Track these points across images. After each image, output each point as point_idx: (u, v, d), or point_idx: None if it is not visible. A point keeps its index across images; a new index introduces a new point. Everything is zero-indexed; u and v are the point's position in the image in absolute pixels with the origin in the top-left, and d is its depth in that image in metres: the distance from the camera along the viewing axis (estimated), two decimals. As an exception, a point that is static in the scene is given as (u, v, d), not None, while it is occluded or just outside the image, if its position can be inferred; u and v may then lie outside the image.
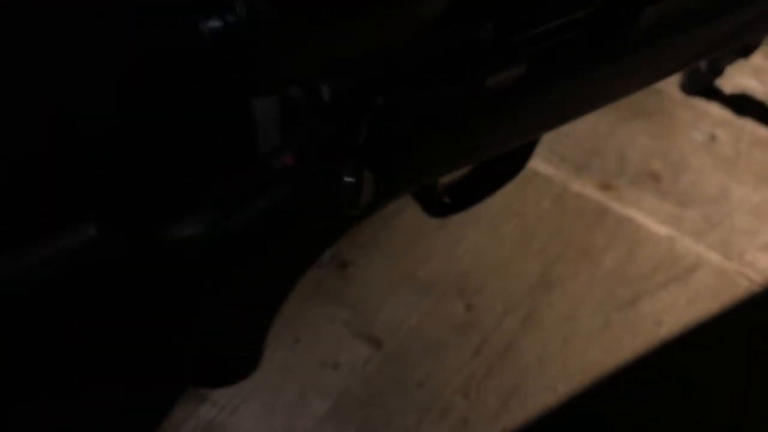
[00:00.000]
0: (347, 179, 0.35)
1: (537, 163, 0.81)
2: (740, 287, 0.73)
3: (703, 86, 0.87)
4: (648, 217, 0.78)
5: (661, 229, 0.77)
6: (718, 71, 0.85)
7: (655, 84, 0.50)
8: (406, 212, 0.73)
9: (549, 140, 0.84)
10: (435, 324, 0.70)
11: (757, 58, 0.93)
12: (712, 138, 0.85)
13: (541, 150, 0.80)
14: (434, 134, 0.38)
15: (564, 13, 0.37)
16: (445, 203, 0.47)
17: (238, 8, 0.27)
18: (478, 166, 0.48)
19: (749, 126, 0.86)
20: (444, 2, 0.31)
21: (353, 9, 0.28)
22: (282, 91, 0.35)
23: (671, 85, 0.88)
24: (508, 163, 0.48)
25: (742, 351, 0.69)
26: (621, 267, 0.74)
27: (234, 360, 0.43)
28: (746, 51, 0.80)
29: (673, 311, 0.72)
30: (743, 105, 0.88)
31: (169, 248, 0.36)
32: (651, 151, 0.84)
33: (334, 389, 0.65)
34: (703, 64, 0.85)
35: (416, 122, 0.37)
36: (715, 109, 0.88)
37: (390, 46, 0.31)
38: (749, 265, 0.75)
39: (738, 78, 0.91)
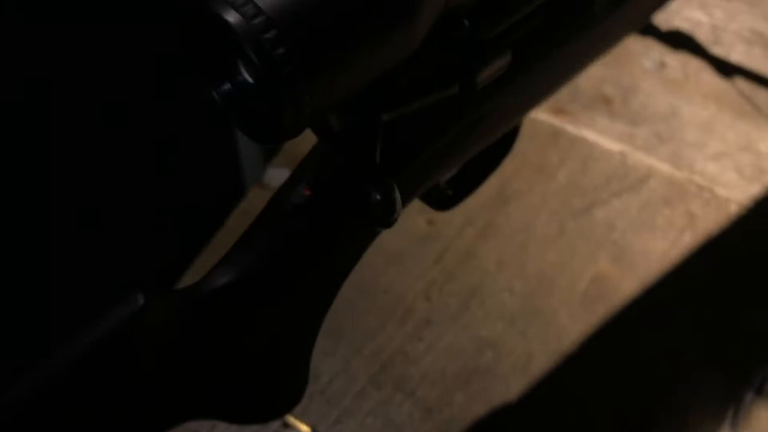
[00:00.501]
0: (377, 197, 0.38)
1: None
2: (690, 192, 0.76)
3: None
4: (600, 136, 0.82)
5: (613, 146, 0.81)
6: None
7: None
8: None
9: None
10: (398, 238, 0.74)
11: (704, -9, 0.98)
12: (662, 64, 0.89)
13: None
14: (439, 136, 0.41)
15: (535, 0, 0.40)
16: (449, 196, 0.50)
17: (247, 72, 0.30)
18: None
19: (698, 54, 0.90)
20: (433, 20, 0.33)
21: (357, 55, 0.31)
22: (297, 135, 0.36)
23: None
24: (500, 146, 0.50)
25: (689, 245, 0.72)
26: (575, 180, 0.78)
27: (284, 389, 0.46)
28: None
29: (626, 216, 0.75)
30: (691, 35, 0.92)
31: (217, 297, 0.38)
32: (602, 78, 0.88)
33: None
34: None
35: (422, 129, 0.40)
36: (665, 39, 0.91)
37: (390, 69, 0.33)
38: (698, 173, 0.78)
39: (686, 11, 0.95)
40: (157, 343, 0.37)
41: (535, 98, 0.47)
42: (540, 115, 0.83)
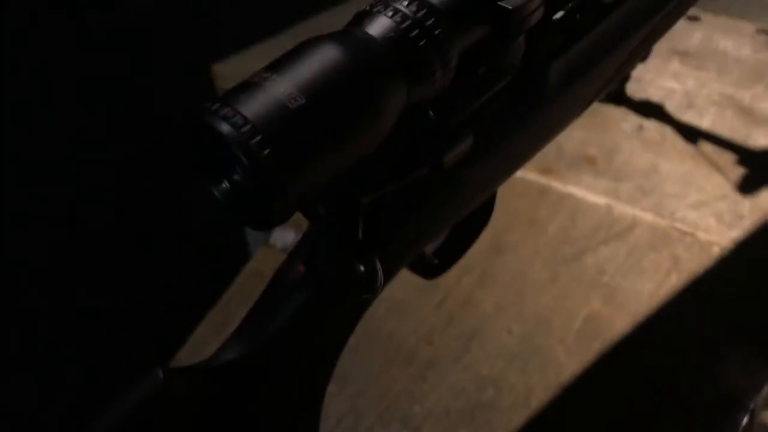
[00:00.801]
0: (360, 269, 0.42)
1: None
2: (673, 238, 0.81)
3: (612, 93, 0.97)
4: (586, 192, 0.87)
5: (599, 200, 0.86)
6: (624, 78, 0.96)
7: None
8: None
9: (493, 139, 0.94)
10: (399, 289, 0.77)
11: (675, 64, 1.05)
12: (640, 127, 0.95)
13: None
14: (414, 213, 0.45)
15: (489, 87, 0.45)
16: (435, 265, 0.54)
17: (240, 172, 0.34)
18: (455, 225, 0.56)
19: (673, 118, 0.96)
20: (396, 114, 0.38)
21: (330, 152, 0.36)
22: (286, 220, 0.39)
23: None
24: (479, 216, 0.54)
25: (677, 287, 0.76)
26: (564, 231, 0.82)
27: None
28: (643, 57, 0.91)
29: (615, 261, 0.79)
30: (666, 102, 0.99)
31: (228, 371, 0.42)
32: (585, 140, 0.94)
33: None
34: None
35: (398, 208, 0.44)
36: (641, 107, 0.98)
37: (364, 159, 0.38)
38: (680, 220, 0.83)
39: (660, 81, 1.02)
40: (177, 417, 0.40)
41: (500, 173, 0.51)
42: (528, 174, 0.89)
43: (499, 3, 0.42)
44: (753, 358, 0.68)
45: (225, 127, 0.33)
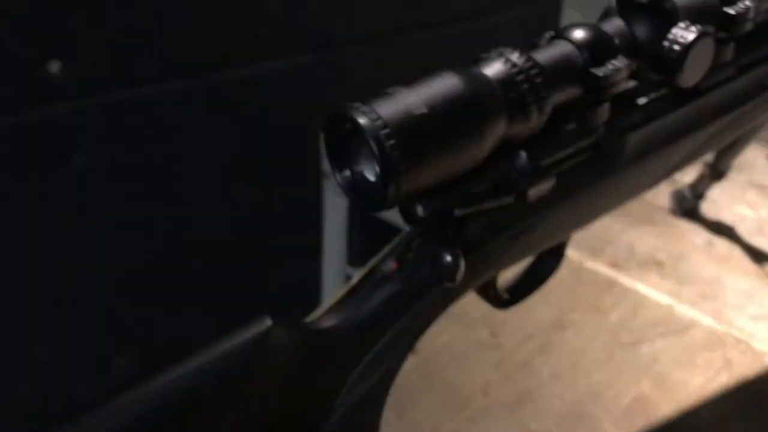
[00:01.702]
0: (447, 259, 0.50)
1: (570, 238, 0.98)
2: (728, 343, 0.85)
3: (688, 209, 1.04)
4: (650, 290, 0.92)
5: (662, 298, 0.91)
6: (700, 195, 1.03)
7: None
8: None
9: (569, 231, 1.01)
10: (463, 343, 0.84)
11: (751, 195, 1.12)
12: (710, 243, 1.01)
13: (561, 235, 0.97)
14: (495, 233, 0.53)
15: (574, 142, 0.54)
16: (504, 298, 0.62)
17: (367, 164, 0.44)
18: (528, 266, 0.65)
19: (743, 240, 1.02)
20: (495, 140, 0.47)
21: (439, 156, 0.45)
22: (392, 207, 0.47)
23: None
24: (549, 263, 0.63)
25: (725, 385, 0.80)
26: (625, 321, 0.88)
27: (364, 428, 0.55)
28: (719, 175, 0.98)
29: (669, 353, 0.84)
30: (738, 225, 1.05)
31: (323, 334, 0.50)
32: (657, 246, 1.00)
33: (375, 376, 0.78)
34: (686, 190, 1.03)
35: (484, 226, 0.53)
36: (713, 226, 1.04)
37: (461, 174, 0.47)
38: (738, 328, 0.87)
39: (734, 206, 1.08)
40: (275, 360, 0.48)
41: (572, 222, 0.59)
42: (598, 266, 0.95)
43: (591, 70, 0.51)
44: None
45: (363, 119, 0.43)
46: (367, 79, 1.09)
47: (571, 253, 0.95)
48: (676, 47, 0.53)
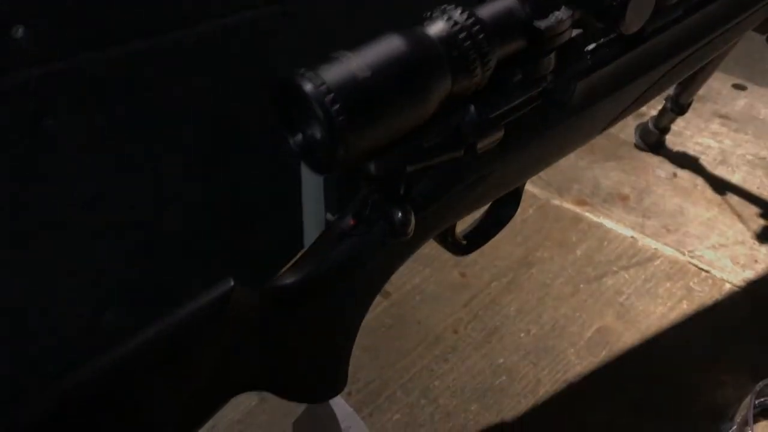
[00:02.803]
0: (398, 215, 0.52)
1: (526, 184, 1.00)
2: (690, 272, 0.89)
3: (652, 142, 1.06)
4: (615, 224, 0.95)
5: (626, 231, 0.94)
6: (664, 129, 1.05)
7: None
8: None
9: (536, 170, 1.04)
10: (433, 284, 0.87)
11: (715, 125, 1.14)
12: (674, 175, 1.04)
13: (529, 174, 1.00)
14: (447, 186, 0.56)
15: (521, 93, 0.54)
16: (463, 245, 0.64)
17: (316, 128, 0.45)
18: (485, 212, 0.67)
19: (706, 170, 1.05)
20: (441, 97, 0.48)
21: (385, 117, 0.46)
22: (342, 170, 0.48)
23: (641, 139, 1.08)
24: (505, 210, 0.65)
25: (686, 313, 0.84)
26: (590, 255, 0.91)
27: (328, 377, 0.58)
28: (682, 110, 1.00)
29: (632, 285, 0.87)
30: (701, 156, 1.07)
31: (284, 292, 0.52)
32: (621, 180, 1.02)
33: (349, 320, 0.81)
34: (650, 124, 1.05)
35: (436, 181, 0.56)
36: (678, 157, 1.07)
37: (409, 132, 0.48)
38: (698, 258, 0.90)
39: (698, 137, 1.11)
40: (239, 319, 0.51)
41: (523, 171, 0.61)
42: (564, 203, 0.98)
43: (534, 23, 0.52)
44: (746, 381, 0.75)
45: (308, 85, 0.44)
46: (339, 28, 1.10)
47: (538, 191, 0.98)
48: None
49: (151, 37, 0.98)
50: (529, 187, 1.00)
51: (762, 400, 0.71)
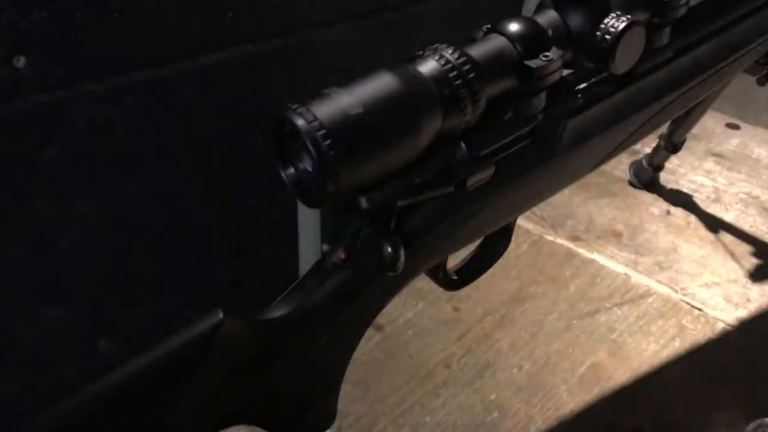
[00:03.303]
0: (387, 250, 0.53)
1: (520, 219, 1.00)
2: (682, 310, 0.89)
3: (646, 180, 1.07)
4: (609, 261, 0.96)
5: (619, 269, 0.94)
6: (658, 167, 1.06)
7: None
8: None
9: (531, 205, 1.05)
10: (426, 318, 0.87)
11: (709, 164, 1.15)
12: (668, 212, 1.04)
13: (523, 210, 1.00)
14: (438, 222, 0.56)
15: (512, 131, 0.55)
16: (454, 280, 0.64)
17: (305, 158, 0.46)
18: (476, 248, 0.67)
19: (699, 208, 1.05)
20: (432, 135, 0.49)
21: (375, 152, 0.46)
22: (333, 204, 0.49)
23: (635, 176, 1.09)
24: (496, 246, 0.65)
25: (678, 351, 0.84)
26: (583, 291, 0.91)
27: (317, 410, 0.58)
28: (675, 148, 1.01)
29: (625, 322, 0.87)
30: (695, 194, 1.08)
31: (274, 325, 0.52)
32: (615, 217, 1.03)
33: (341, 353, 0.81)
34: (644, 162, 1.06)
35: (426, 216, 0.57)
36: (671, 195, 1.07)
37: (400, 167, 0.49)
38: (691, 296, 0.91)
39: (692, 175, 1.12)
40: (228, 351, 0.51)
41: (514, 207, 0.61)
42: (558, 239, 0.98)
43: (524, 63, 0.53)
44: (737, 420, 0.75)
45: (300, 121, 0.45)
46: (338, 61, 1.11)
47: (532, 227, 0.98)
48: (608, 37, 0.55)
49: (151, 68, 0.99)
50: (523, 223, 1.01)
51: (754, 439, 0.71)
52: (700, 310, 0.89)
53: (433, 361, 0.82)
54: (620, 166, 1.11)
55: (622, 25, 0.55)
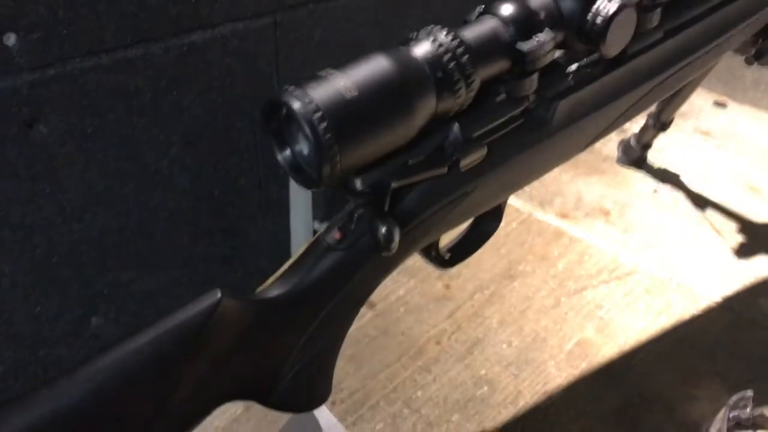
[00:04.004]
0: (382, 230, 0.53)
1: (510, 198, 1.01)
2: (668, 287, 0.90)
3: (635, 158, 1.08)
4: (597, 238, 0.97)
5: (607, 246, 0.96)
6: (646, 145, 1.07)
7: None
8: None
9: (521, 183, 1.06)
10: (418, 295, 0.88)
11: (697, 141, 1.16)
12: (655, 191, 1.05)
13: (513, 188, 1.01)
14: (431, 203, 0.56)
15: (505, 112, 0.56)
16: (446, 259, 0.65)
17: (301, 141, 0.47)
18: (467, 228, 0.68)
19: (687, 186, 1.07)
20: (426, 116, 0.50)
21: (371, 134, 0.47)
22: (329, 186, 0.49)
23: (624, 154, 1.10)
24: (487, 225, 0.66)
25: (664, 327, 0.85)
26: (571, 268, 0.93)
27: (317, 385, 0.59)
28: (664, 126, 1.02)
29: (612, 299, 0.89)
30: (682, 172, 1.09)
31: (270, 304, 0.53)
32: (604, 195, 1.04)
33: (333, 330, 0.82)
34: (632, 140, 1.07)
35: (420, 197, 0.57)
36: (659, 173, 1.08)
37: (395, 149, 0.50)
38: (678, 273, 0.92)
39: (680, 154, 1.13)
40: (226, 330, 0.52)
41: (506, 187, 0.62)
42: (547, 217, 0.99)
43: (516, 46, 0.54)
44: (721, 395, 0.77)
45: (296, 104, 0.45)
46: (325, 38, 1.11)
47: (522, 205, 0.99)
48: (599, 19, 0.56)
49: (141, 46, 0.99)
50: (513, 201, 1.02)
51: (736, 413, 0.73)
52: (686, 287, 0.90)
53: (425, 337, 0.83)
54: (609, 144, 1.11)
55: (613, 8, 0.56)
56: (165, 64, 1.01)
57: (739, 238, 0.98)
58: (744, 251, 0.96)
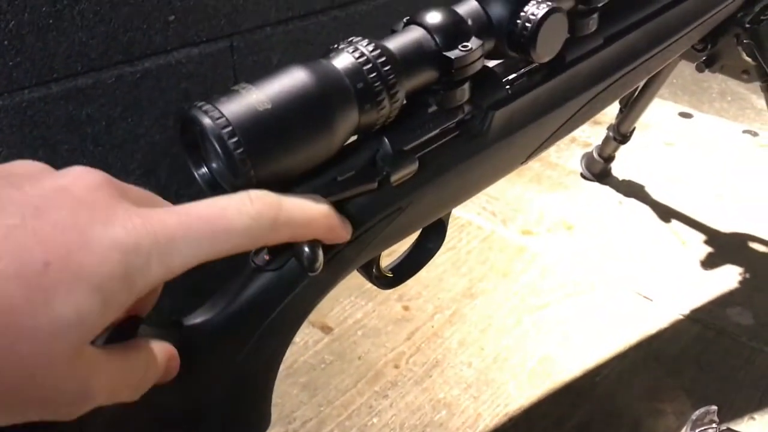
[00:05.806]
0: (305, 251, 0.53)
1: (472, 215, 1.00)
2: (632, 300, 0.88)
3: (598, 171, 1.07)
4: (560, 253, 0.95)
5: (571, 260, 0.94)
6: (609, 158, 1.05)
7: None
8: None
9: (483, 200, 1.04)
10: (376, 318, 0.86)
11: (662, 152, 1.15)
12: (620, 203, 1.04)
13: (475, 206, 1.00)
14: (363, 220, 0.53)
15: (437, 124, 0.53)
16: (389, 278, 0.62)
17: (217, 161, 0.46)
18: (411, 245, 0.66)
19: (652, 198, 1.05)
20: (349, 130, 0.48)
21: (285, 151, 0.45)
22: None
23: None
24: (430, 240, 0.63)
25: (629, 341, 0.83)
26: (534, 284, 0.91)
27: (249, 418, 0.56)
28: (624, 138, 1.01)
29: (575, 314, 0.86)
30: (647, 183, 1.08)
31: (194, 330, 0.50)
32: (567, 210, 1.02)
33: (289, 357, 0.80)
34: (594, 153, 1.06)
35: (349, 213, 0.54)
36: (623, 186, 1.07)
37: (319, 164, 0.47)
38: (642, 285, 0.90)
39: (645, 165, 1.11)
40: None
41: (442, 202, 0.59)
42: (509, 234, 0.98)
43: (443, 54, 0.52)
44: (686, 409, 0.74)
45: (205, 119, 0.44)
46: (284, 62, 1.10)
47: (483, 223, 0.98)
48: (528, 24, 0.54)
49: (92, 74, 0.97)
50: (474, 219, 1.00)
51: (701, 429, 0.70)
52: (651, 300, 0.88)
53: (382, 361, 0.81)
54: (572, 158, 1.10)
55: (542, 12, 0.54)
56: (118, 92, 1.00)
57: (705, 249, 0.96)
58: (710, 262, 0.94)
